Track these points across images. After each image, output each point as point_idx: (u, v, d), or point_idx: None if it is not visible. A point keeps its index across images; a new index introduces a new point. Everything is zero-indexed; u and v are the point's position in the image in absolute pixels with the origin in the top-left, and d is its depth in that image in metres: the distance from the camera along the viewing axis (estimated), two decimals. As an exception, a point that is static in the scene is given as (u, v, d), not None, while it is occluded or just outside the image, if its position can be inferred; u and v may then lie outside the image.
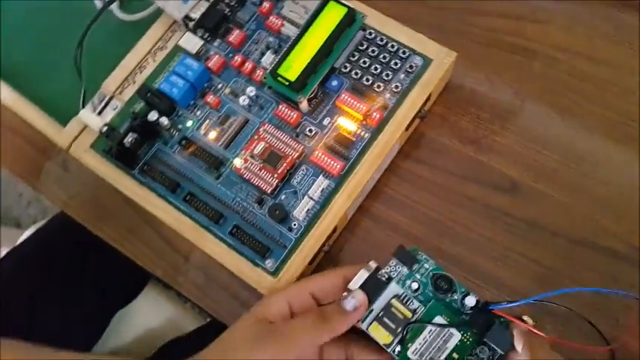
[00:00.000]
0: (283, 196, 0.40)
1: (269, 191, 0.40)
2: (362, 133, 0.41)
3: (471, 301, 0.33)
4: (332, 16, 0.42)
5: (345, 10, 0.41)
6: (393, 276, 0.34)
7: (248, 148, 0.41)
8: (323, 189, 0.40)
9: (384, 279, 0.34)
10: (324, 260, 0.42)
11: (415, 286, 0.34)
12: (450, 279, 0.34)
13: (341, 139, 0.41)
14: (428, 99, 0.42)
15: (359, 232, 0.43)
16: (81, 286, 0.57)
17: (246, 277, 0.39)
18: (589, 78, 0.44)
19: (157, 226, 0.44)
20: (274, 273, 0.39)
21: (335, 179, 0.40)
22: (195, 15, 0.44)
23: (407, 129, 0.42)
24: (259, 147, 0.41)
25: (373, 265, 0.34)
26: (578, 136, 0.43)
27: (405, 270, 0.34)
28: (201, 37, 0.44)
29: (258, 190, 0.40)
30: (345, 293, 0.33)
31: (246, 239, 0.39)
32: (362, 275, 0.34)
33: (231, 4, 0.45)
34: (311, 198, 0.40)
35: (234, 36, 0.44)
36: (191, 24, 0.44)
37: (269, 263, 0.39)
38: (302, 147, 0.41)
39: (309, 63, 0.41)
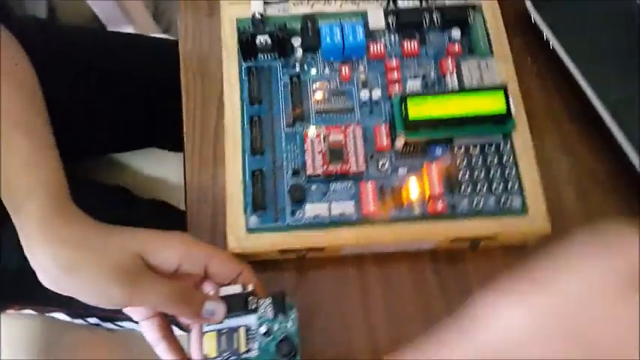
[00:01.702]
0: (314, 187, 0.40)
1: (308, 173, 0.40)
2: (415, 207, 0.40)
3: None
4: (491, 103, 0.40)
5: (504, 112, 0.39)
6: (260, 311, 0.35)
7: (328, 130, 0.41)
8: (343, 213, 0.39)
9: (251, 307, 0.35)
10: (291, 263, 0.42)
11: (264, 330, 0.35)
12: (294, 348, 0.34)
13: (396, 195, 0.40)
14: (492, 238, 0.40)
15: (339, 271, 0.42)
16: (118, 105, 0.61)
17: (229, 212, 0.40)
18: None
19: (221, 114, 0.45)
20: (248, 230, 0.39)
21: (359, 216, 0.39)
22: (404, 4, 0.44)
23: (452, 241, 0.40)
24: (337, 137, 0.40)
25: (250, 288, 0.36)
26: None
27: (270, 314, 0.35)
28: (387, 23, 0.44)
29: (303, 165, 0.40)
30: (212, 291, 0.36)
31: (257, 186, 0.40)
32: (235, 289, 0.36)
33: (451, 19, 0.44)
34: (329, 209, 0.39)
35: (410, 46, 0.44)
36: (391, 6, 0.44)
37: (253, 219, 0.39)
38: (364, 169, 0.40)
39: (436, 118, 0.39)
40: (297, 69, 0.44)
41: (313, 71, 0.43)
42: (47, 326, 0.64)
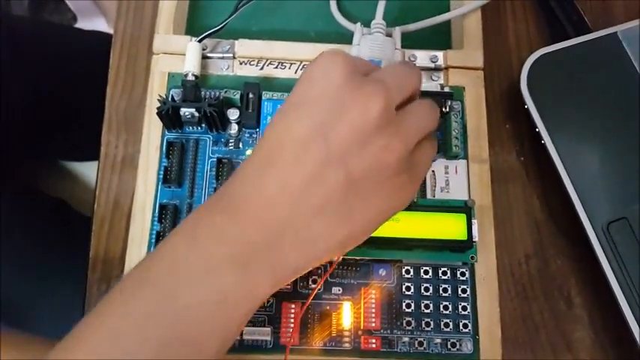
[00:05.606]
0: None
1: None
2: (345, 338, 0.33)
3: None
4: (451, 226, 0.33)
5: (464, 239, 0.32)
6: None
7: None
8: (257, 339, 0.33)
9: None
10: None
11: None
12: None
13: (325, 321, 0.33)
14: (433, 384, 0.33)
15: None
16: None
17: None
18: None
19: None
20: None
21: (275, 343, 0.33)
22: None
23: None
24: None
25: None
26: None
27: None
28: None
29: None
30: None
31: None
32: None
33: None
34: (241, 332, 0.33)
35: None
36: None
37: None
38: (290, 286, 0.33)
39: (382, 238, 0.32)
40: (231, 146, 0.36)
41: (249, 152, 0.36)
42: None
